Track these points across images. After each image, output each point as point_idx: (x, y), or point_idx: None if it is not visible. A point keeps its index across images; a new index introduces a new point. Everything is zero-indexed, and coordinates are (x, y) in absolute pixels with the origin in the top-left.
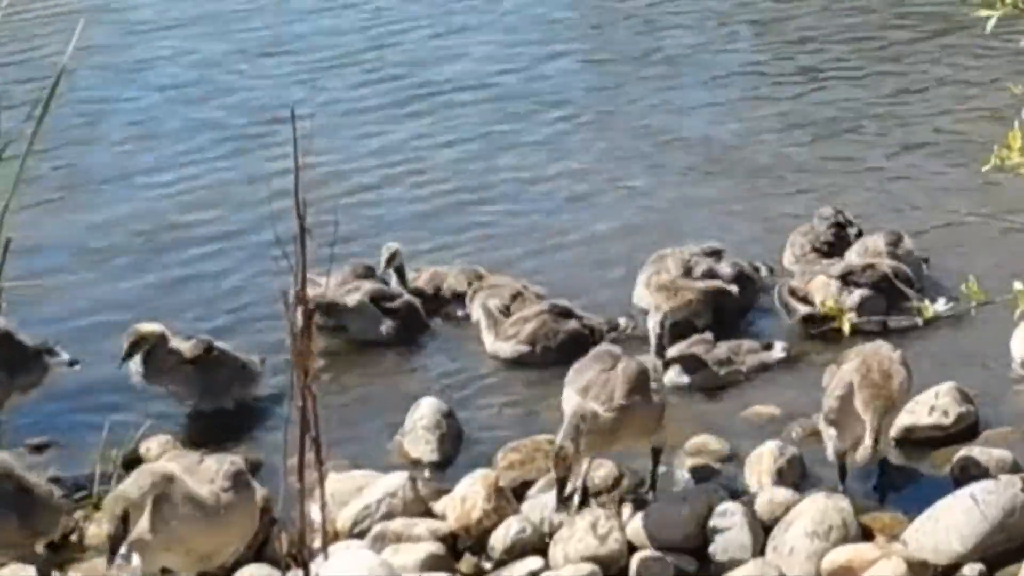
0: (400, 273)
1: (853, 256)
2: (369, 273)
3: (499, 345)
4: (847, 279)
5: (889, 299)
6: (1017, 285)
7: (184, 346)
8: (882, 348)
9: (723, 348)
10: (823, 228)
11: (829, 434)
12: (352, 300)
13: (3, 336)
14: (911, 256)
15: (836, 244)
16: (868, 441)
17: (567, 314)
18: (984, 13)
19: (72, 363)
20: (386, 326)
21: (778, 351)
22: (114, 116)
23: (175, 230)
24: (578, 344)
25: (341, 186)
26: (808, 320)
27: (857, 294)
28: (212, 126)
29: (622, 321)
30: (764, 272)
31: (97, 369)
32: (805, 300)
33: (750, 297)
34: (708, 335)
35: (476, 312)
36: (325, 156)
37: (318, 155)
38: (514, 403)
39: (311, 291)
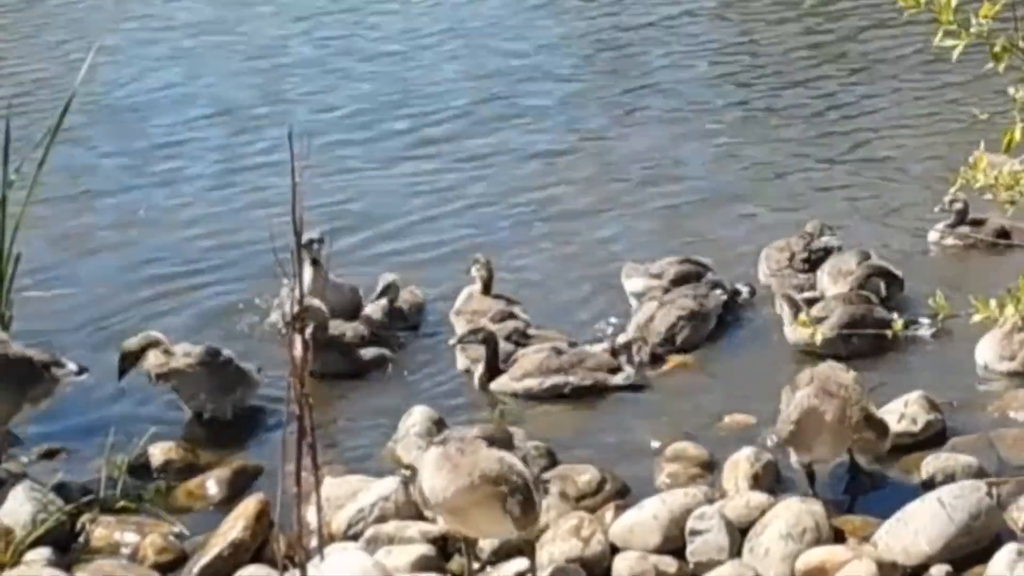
0: (392, 303)
1: (824, 277)
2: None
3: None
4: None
5: (862, 322)
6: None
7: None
8: (836, 369)
9: (569, 357)
10: (801, 246)
11: (789, 451)
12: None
13: (11, 354)
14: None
15: (812, 259)
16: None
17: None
18: (949, 43)
19: (80, 371)
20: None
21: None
22: (116, 134)
23: (177, 243)
24: None
25: (331, 208)
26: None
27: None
28: (213, 145)
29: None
30: (746, 294)
31: (102, 378)
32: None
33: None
34: (562, 344)
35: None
36: (320, 172)
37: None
38: (501, 411)
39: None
